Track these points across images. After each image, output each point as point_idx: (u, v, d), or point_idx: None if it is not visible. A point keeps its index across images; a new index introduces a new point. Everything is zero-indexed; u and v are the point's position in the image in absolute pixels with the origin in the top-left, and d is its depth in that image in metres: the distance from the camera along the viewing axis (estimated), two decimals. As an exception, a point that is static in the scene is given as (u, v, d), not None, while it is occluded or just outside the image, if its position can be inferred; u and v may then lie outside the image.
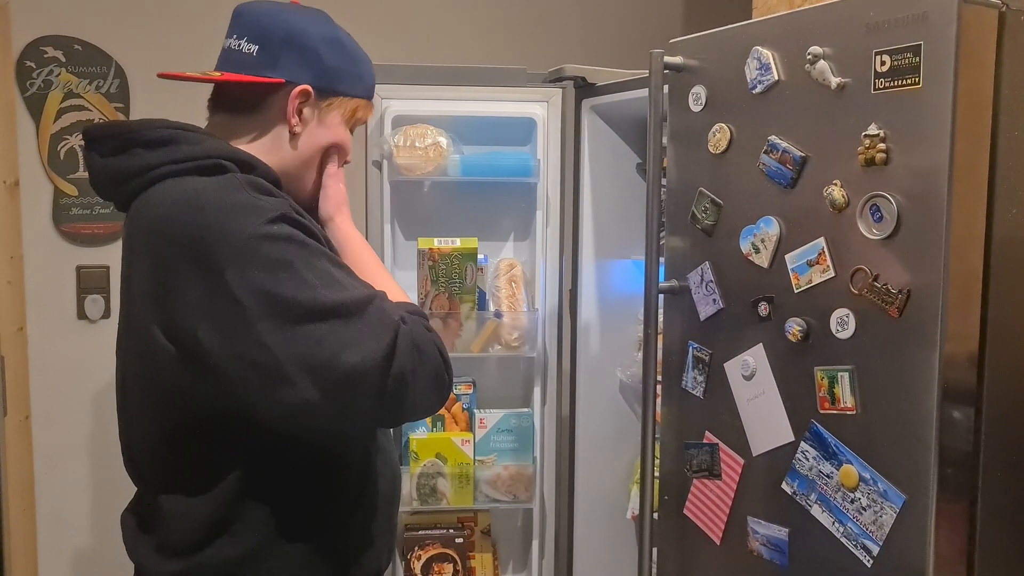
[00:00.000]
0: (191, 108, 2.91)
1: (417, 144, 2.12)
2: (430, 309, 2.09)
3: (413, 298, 1.90)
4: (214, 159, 1.26)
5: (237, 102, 1.38)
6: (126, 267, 1.34)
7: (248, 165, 1.29)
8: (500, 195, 2.28)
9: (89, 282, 2.75)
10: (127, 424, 1.41)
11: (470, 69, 2.20)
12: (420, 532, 2.28)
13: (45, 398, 2.74)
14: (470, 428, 2.27)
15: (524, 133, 2.24)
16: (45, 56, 2.65)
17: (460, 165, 2.16)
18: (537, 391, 2.28)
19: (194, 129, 1.34)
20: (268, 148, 1.37)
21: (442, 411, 2.25)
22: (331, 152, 1.44)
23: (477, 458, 2.24)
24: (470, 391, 2.29)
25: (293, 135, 1.38)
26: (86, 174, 2.68)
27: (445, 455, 2.22)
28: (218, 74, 1.37)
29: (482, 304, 2.21)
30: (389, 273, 1.42)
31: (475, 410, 2.28)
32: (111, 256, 2.77)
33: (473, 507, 2.28)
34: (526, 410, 2.27)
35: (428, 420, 2.24)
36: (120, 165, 1.30)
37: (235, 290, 1.14)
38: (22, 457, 2.70)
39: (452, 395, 2.25)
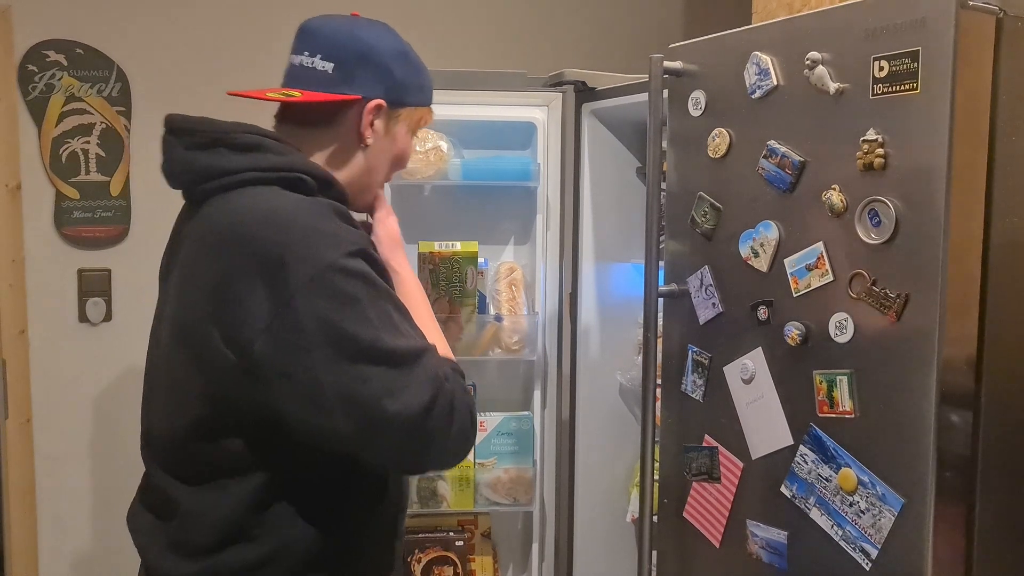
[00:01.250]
0: (190, 111, 2.91)
1: (418, 148, 2.12)
2: None
3: None
4: (297, 173, 1.30)
5: (308, 116, 1.41)
6: (183, 259, 1.34)
7: (326, 182, 1.34)
8: (500, 199, 2.29)
9: (90, 285, 2.75)
10: (152, 410, 1.42)
11: (471, 73, 2.20)
12: (420, 535, 2.28)
13: (46, 401, 2.74)
14: None
15: (525, 137, 2.25)
16: (47, 60, 2.66)
17: (461, 169, 2.16)
18: (537, 394, 2.29)
19: (280, 139, 1.36)
20: (340, 160, 1.41)
21: None
22: (394, 165, 1.48)
23: (477, 461, 2.24)
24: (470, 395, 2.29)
25: (365, 147, 1.41)
26: (87, 177, 2.72)
27: None
28: (298, 94, 1.39)
29: (482, 308, 2.22)
30: (435, 319, 1.45)
31: (481, 414, 2.28)
32: (112, 259, 2.77)
33: (473, 510, 2.28)
34: (526, 413, 2.28)
35: None
36: (204, 161, 1.33)
37: (301, 314, 1.17)
38: (23, 460, 2.70)
39: None
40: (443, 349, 1.35)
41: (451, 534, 2.29)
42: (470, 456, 2.21)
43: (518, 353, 2.23)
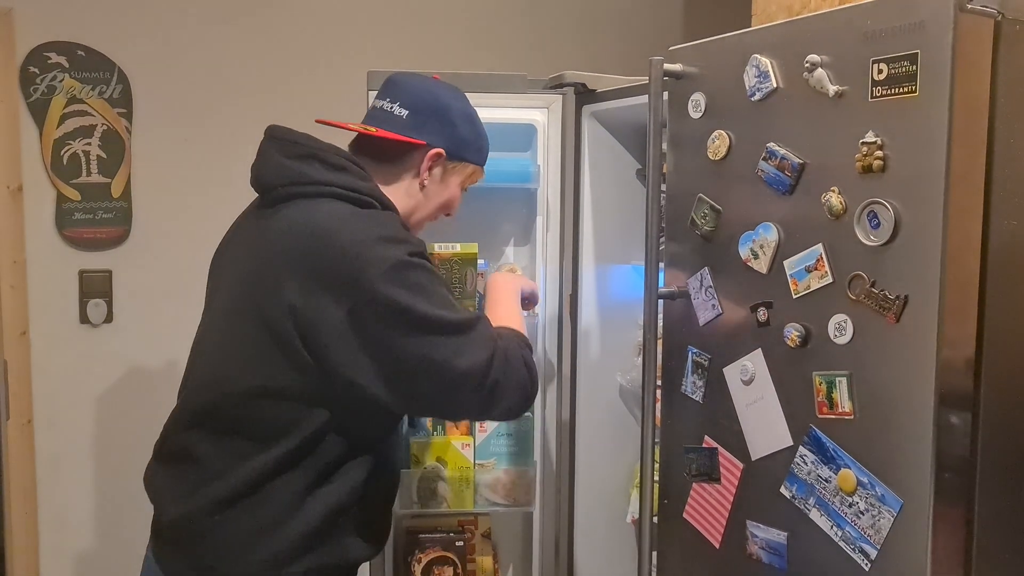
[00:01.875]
0: (191, 112, 2.93)
1: None
2: None
3: None
4: (369, 197, 1.56)
5: (381, 152, 1.67)
6: (259, 254, 1.55)
7: (390, 211, 1.61)
8: (500, 201, 2.29)
9: (91, 286, 2.76)
10: (204, 370, 1.63)
11: (472, 76, 2.20)
12: (421, 535, 2.28)
13: (47, 402, 2.75)
14: (470, 432, 2.27)
15: (525, 139, 2.25)
16: (49, 62, 2.67)
17: None
18: (537, 395, 2.29)
19: (362, 167, 1.61)
20: (401, 193, 1.67)
21: None
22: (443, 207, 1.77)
23: (477, 462, 2.24)
24: None
25: (422, 187, 1.69)
26: (89, 179, 2.72)
27: (445, 459, 2.22)
28: (373, 129, 1.66)
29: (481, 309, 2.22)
30: (513, 306, 1.79)
31: None
32: (113, 260, 2.78)
33: (473, 511, 2.28)
34: (527, 414, 2.28)
35: (429, 424, 2.26)
36: (299, 169, 1.56)
37: (382, 300, 1.44)
38: (24, 461, 2.71)
39: None
40: (514, 324, 1.68)
41: (451, 535, 2.29)
42: (470, 457, 2.23)
43: None
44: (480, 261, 2.18)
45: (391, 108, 1.67)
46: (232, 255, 1.66)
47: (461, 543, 2.27)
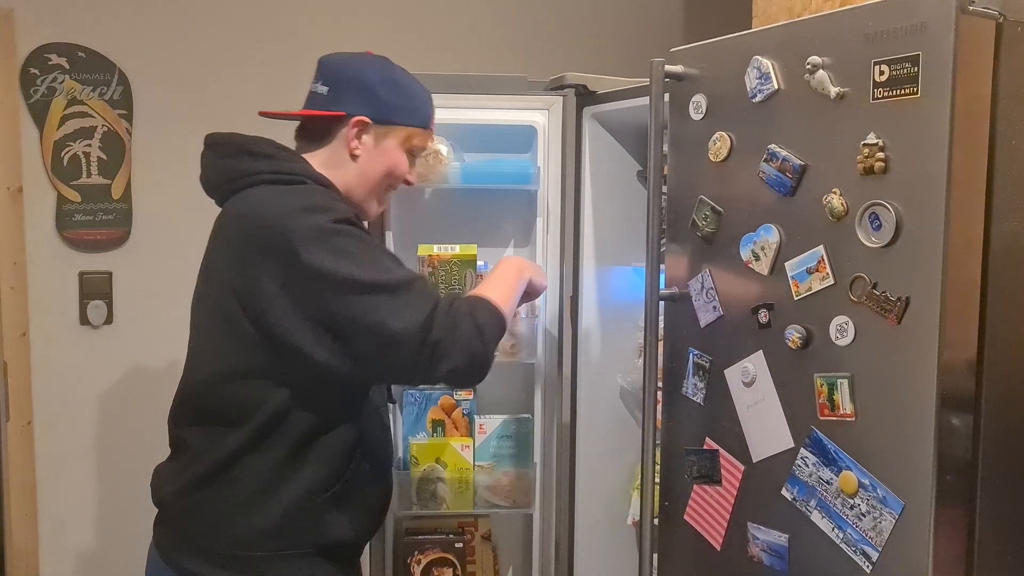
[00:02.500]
0: (191, 114, 2.93)
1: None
2: None
3: None
4: (301, 176, 1.60)
5: (313, 133, 1.71)
6: (211, 250, 1.64)
7: (323, 186, 1.63)
8: (500, 202, 2.28)
9: (91, 288, 2.76)
10: (192, 365, 1.70)
11: (471, 77, 2.20)
12: (420, 536, 2.28)
13: (47, 403, 2.75)
14: (470, 434, 2.27)
15: (525, 140, 2.25)
16: (49, 63, 2.67)
17: (460, 173, 2.16)
18: (537, 397, 2.28)
19: (292, 152, 1.67)
20: (337, 174, 1.68)
21: (442, 416, 2.27)
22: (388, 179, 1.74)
23: (476, 463, 2.24)
24: (471, 397, 2.28)
25: (354, 157, 1.69)
26: (89, 180, 2.72)
27: (445, 460, 2.22)
28: (298, 111, 1.73)
29: None
30: (503, 282, 1.73)
31: (475, 416, 2.28)
32: (113, 262, 2.78)
33: (473, 512, 2.27)
34: (526, 416, 2.28)
35: (428, 425, 2.26)
36: (231, 165, 1.63)
37: (307, 267, 1.47)
38: (24, 462, 2.71)
39: (452, 400, 2.27)
40: (496, 299, 1.62)
41: (450, 536, 2.29)
42: (469, 458, 2.22)
43: (515, 357, 2.23)
44: (480, 263, 2.18)
45: (316, 88, 1.71)
46: (206, 260, 1.71)
47: (460, 544, 2.27)
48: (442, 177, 2.16)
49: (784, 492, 1.54)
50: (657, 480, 1.78)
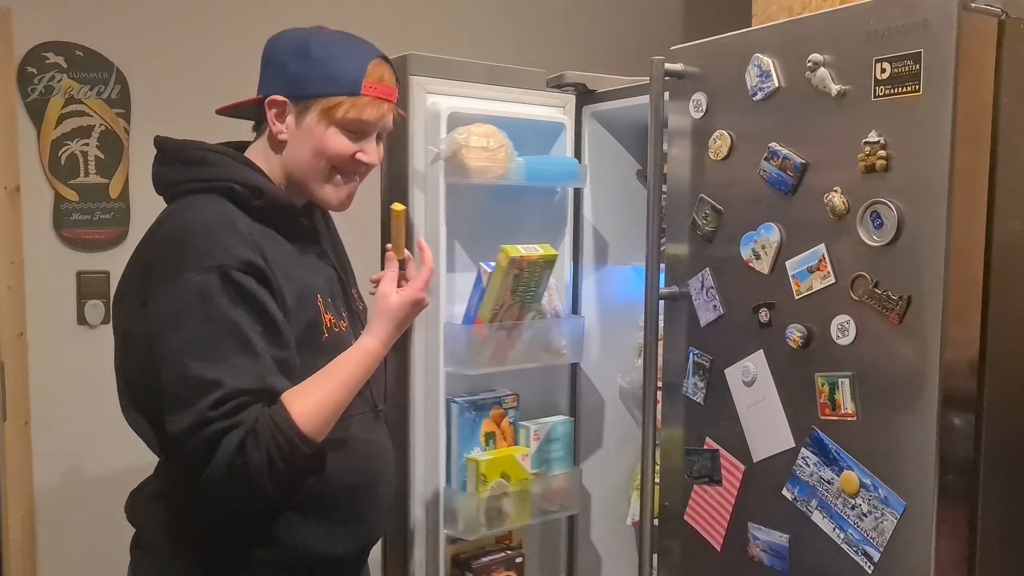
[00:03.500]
0: (190, 114, 2.92)
1: (488, 145, 1.95)
2: (501, 320, 1.98)
3: (458, 311, 2.02)
4: (227, 182, 1.44)
5: (254, 125, 1.59)
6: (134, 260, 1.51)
7: (256, 190, 1.46)
8: (524, 200, 2.19)
9: (89, 287, 2.75)
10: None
11: (506, 69, 2.10)
12: (485, 558, 2.10)
13: (45, 403, 2.74)
14: (516, 441, 2.13)
15: (547, 138, 2.18)
16: (47, 62, 2.66)
17: (524, 169, 2.02)
18: (579, 398, 2.25)
19: (225, 152, 1.50)
20: (274, 162, 1.53)
21: (493, 427, 2.10)
22: (334, 168, 1.53)
23: (533, 471, 2.10)
24: (515, 404, 2.13)
25: (281, 141, 1.51)
26: (87, 179, 2.71)
27: (509, 473, 2.04)
28: (230, 103, 1.58)
29: None
30: (343, 387, 1.44)
31: (520, 423, 2.13)
32: (111, 261, 2.77)
33: (530, 523, 2.12)
34: (567, 418, 2.20)
35: (482, 439, 2.07)
36: (164, 175, 1.51)
37: (149, 310, 1.36)
38: (22, 462, 2.70)
39: (501, 409, 2.11)
40: (310, 412, 1.37)
41: (507, 552, 2.15)
42: (528, 467, 2.08)
43: (565, 358, 2.14)
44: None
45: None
46: None
47: (520, 559, 2.15)
48: (506, 173, 1.99)
49: (785, 492, 1.54)
50: (657, 480, 1.77)
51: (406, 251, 1.62)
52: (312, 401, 1.37)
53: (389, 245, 1.61)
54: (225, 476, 1.30)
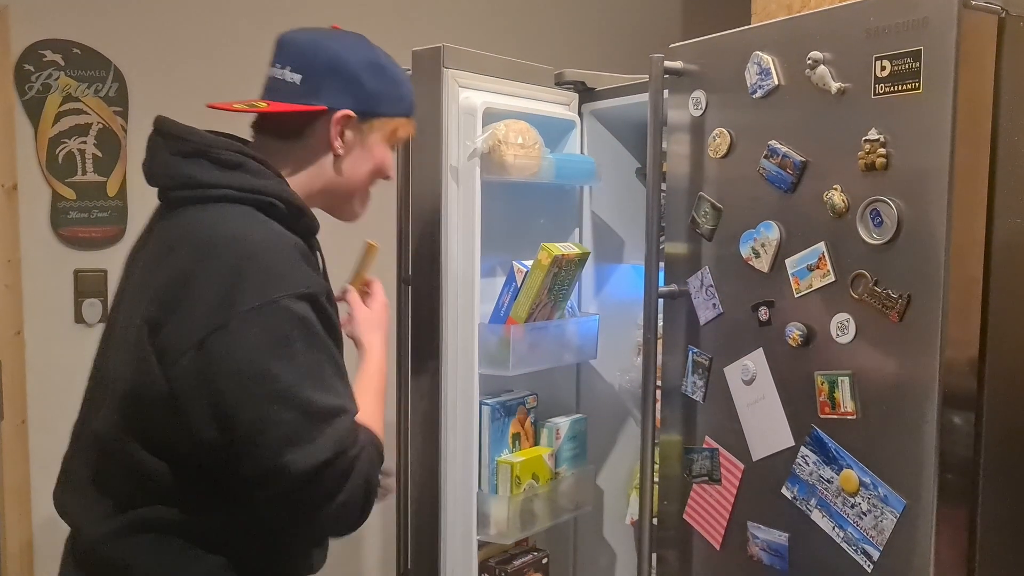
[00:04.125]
0: (187, 115, 2.91)
1: (522, 142, 1.90)
2: (535, 319, 1.96)
3: (486, 309, 1.97)
4: (271, 197, 1.32)
5: (281, 128, 1.42)
6: (146, 257, 1.37)
7: (298, 210, 1.36)
8: (539, 199, 2.17)
9: (87, 286, 2.74)
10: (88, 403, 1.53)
11: (522, 65, 2.07)
12: (516, 561, 2.08)
13: (42, 402, 2.73)
14: (536, 440, 2.11)
15: (557, 135, 2.17)
16: (44, 60, 2.65)
17: (555, 167, 2.00)
18: (595, 395, 2.25)
19: (262, 160, 1.37)
20: (314, 175, 1.42)
21: (519, 428, 2.07)
22: (373, 179, 1.47)
23: (556, 470, 2.10)
24: (535, 404, 2.12)
25: (337, 158, 1.42)
26: (84, 178, 2.70)
27: (538, 474, 2.03)
28: (264, 104, 1.40)
29: None
30: (381, 403, 1.43)
31: (542, 422, 2.13)
32: (109, 260, 2.76)
33: (552, 523, 2.11)
34: (580, 416, 2.20)
35: (509, 440, 2.04)
36: (186, 170, 1.34)
37: (234, 338, 1.19)
38: (19, 462, 2.69)
39: (524, 409, 2.09)
40: (376, 427, 1.34)
41: (534, 554, 2.13)
42: (552, 467, 2.07)
43: (586, 355, 2.14)
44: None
45: (282, 75, 1.42)
46: (134, 273, 1.43)
47: (545, 560, 2.14)
48: (537, 171, 1.95)
49: (784, 491, 1.53)
50: (656, 479, 1.77)
51: (369, 278, 1.62)
52: (372, 417, 1.35)
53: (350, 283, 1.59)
54: (359, 501, 1.25)
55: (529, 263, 1.93)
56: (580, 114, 2.21)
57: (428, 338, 1.95)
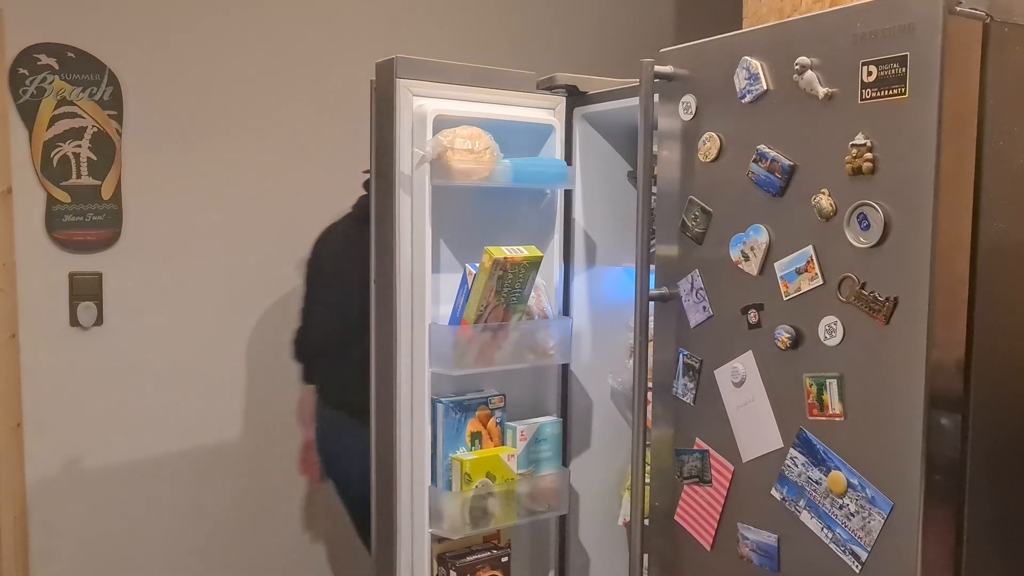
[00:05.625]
0: (181, 115, 2.91)
1: (473, 147, 1.96)
2: (486, 321, 1.99)
3: (445, 311, 2.03)
4: None
5: None
6: None
7: None
8: (513, 202, 2.19)
9: (82, 289, 2.75)
10: None
11: (495, 71, 2.11)
12: (470, 558, 2.12)
13: (37, 405, 2.73)
14: (503, 441, 2.14)
15: (536, 139, 2.18)
16: (38, 64, 2.66)
17: (511, 171, 2.03)
18: (569, 398, 2.26)
19: None
20: None
21: (479, 427, 2.11)
22: None
23: (519, 472, 2.12)
24: (501, 404, 2.14)
25: None
26: (79, 181, 2.71)
27: (494, 473, 2.06)
28: None
29: None
30: None
31: (507, 423, 2.15)
32: (104, 263, 2.77)
33: (516, 523, 2.14)
34: (555, 419, 2.22)
35: (468, 439, 2.09)
36: None
37: None
38: (14, 464, 2.69)
39: (488, 410, 2.12)
40: None
41: (494, 551, 2.16)
42: (514, 468, 2.10)
43: (552, 359, 2.15)
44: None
45: None
46: None
47: (506, 558, 2.16)
48: (492, 175, 2.00)
49: (774, 492, 1.54)
50: (647, 480, 1.78)
51: None
52: None
53: None
54: None
55: None
56: (571, 117, 2.21)
57: (386, 337, 2.03)
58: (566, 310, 2.27)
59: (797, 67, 1.46)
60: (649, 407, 1.76)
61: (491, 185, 2.03)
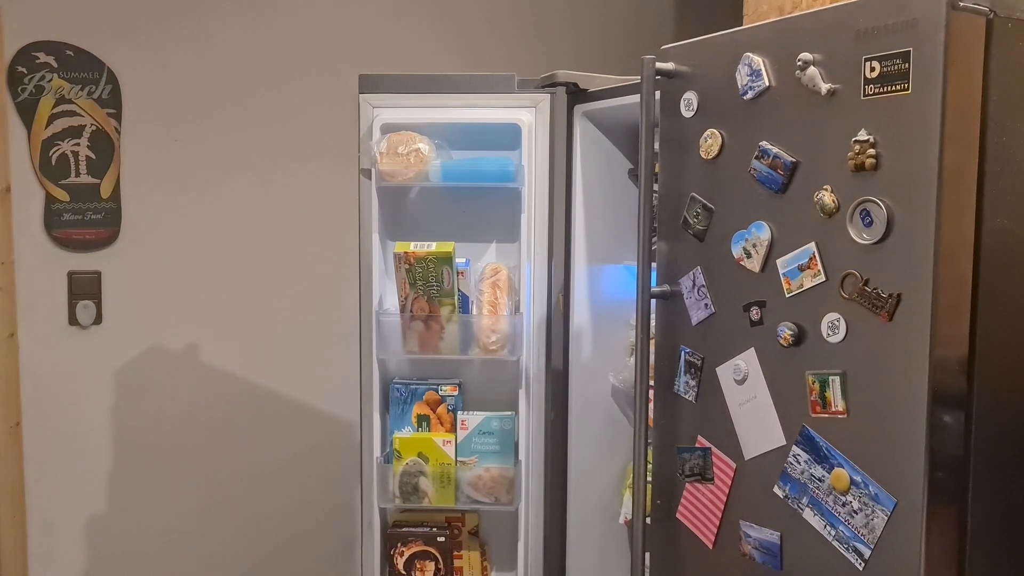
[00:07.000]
0: (180, 113, 2.91)
1: (400, 150, 2.16)
2: (411, 311, 2.17)
3: (393, 301, 2.24)
4: None
5: None
6: None
7: None
8: (485, 200, 2.28)
9: (80, 288, 2.74)
10: None
11: (457, 77, 2.21)
12: (404, 529, 2.31)
13: (36, 404, 2.73)
14: (452, 429, 2.28)
15: (512, 138, 2.22)
16: (37, 62, 2.65)
17: (441, 171, 2.17)
18: (522, 394, 2.27)
19: None
20: None
21: (427, 411, 2.28)
22: None
23: (459, 459, 2.26)
24: (455, 392, 2.30)
25: None
26: (78, 180, 2.71)
27: (427, 454, 2.24)
28: None
29: (466, 307, 2.21)
30: None
31: (459, 412, 2.29)
32: (102, 262, 2.76)
33: (455, 507, 2.29)
34: (508, 413, 2.27)
35: (414, 420, 2.28)
36: None
37: None
38: (12, 464, 2.69)
39: (437, 396, 2.29)
40: None
41: (433, 530, 2.31)
42: (451, 454, 2.25)
43: (496, 353, 2.22)
44: (461, 260, 2.17)
45: None
46: None
47: (443, 539, 2.29)
48: (423, 175, 2.17)
49: (776, 490, 1.54)
50: (649, 479, 1.77)
51: None
52: None
53: None
54: None
55: None
56: (571, 115, 2.22)
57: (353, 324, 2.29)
58: (567, 307, 2.27)
59: (799, 63, 1.46)
60: (650, 405, 1.76)
61: (424, 185, 2.21)
